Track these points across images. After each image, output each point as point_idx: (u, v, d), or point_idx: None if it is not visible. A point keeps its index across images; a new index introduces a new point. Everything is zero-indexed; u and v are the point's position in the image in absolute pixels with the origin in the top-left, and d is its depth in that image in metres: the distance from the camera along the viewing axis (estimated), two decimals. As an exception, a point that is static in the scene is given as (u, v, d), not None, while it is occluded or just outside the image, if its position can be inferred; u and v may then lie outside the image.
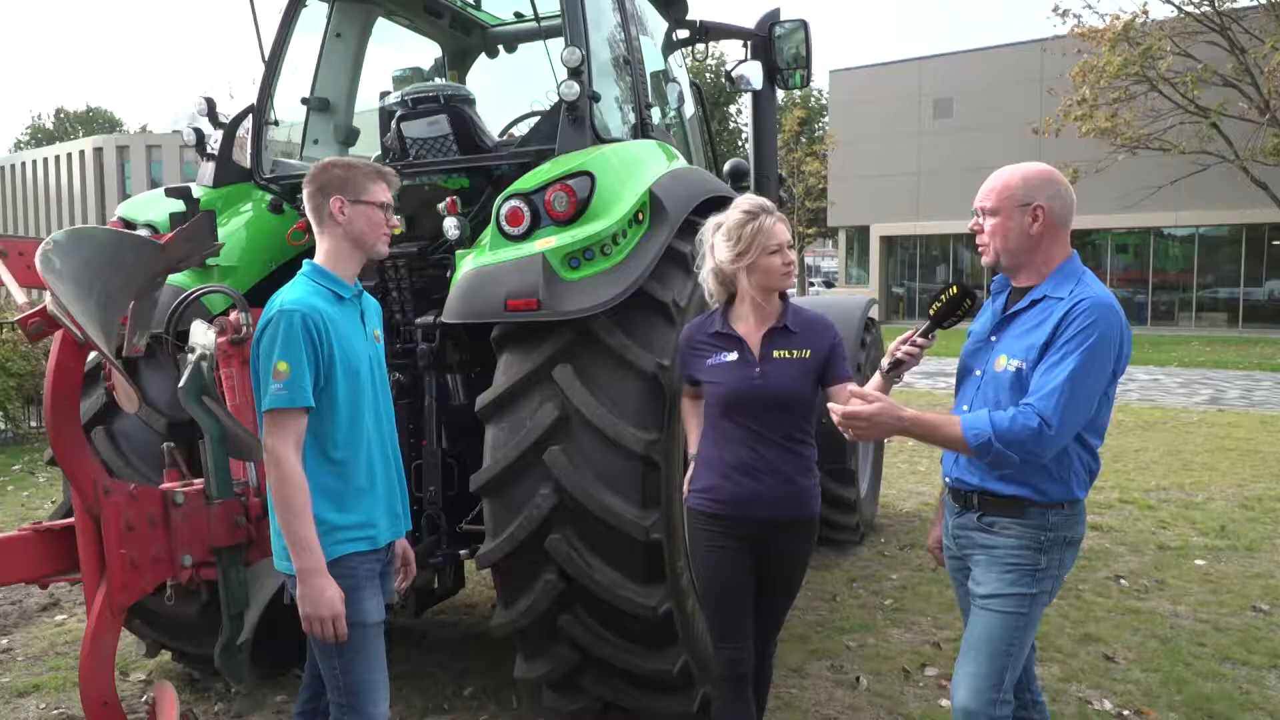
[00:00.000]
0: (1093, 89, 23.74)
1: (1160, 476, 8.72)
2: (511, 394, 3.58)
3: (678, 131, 5.57)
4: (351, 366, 2.73)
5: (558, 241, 3.56)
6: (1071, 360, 2.53)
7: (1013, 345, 2.69)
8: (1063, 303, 2.62)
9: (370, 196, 2.78)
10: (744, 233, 3.07)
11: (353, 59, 5.27)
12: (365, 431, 2.77)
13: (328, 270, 2.78)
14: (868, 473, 6.84)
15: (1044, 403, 2.52)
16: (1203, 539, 6.68)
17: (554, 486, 3.47)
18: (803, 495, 3.11)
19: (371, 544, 2.77)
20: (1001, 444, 2.54)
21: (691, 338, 3.24)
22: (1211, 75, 22.77)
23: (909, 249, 37.39)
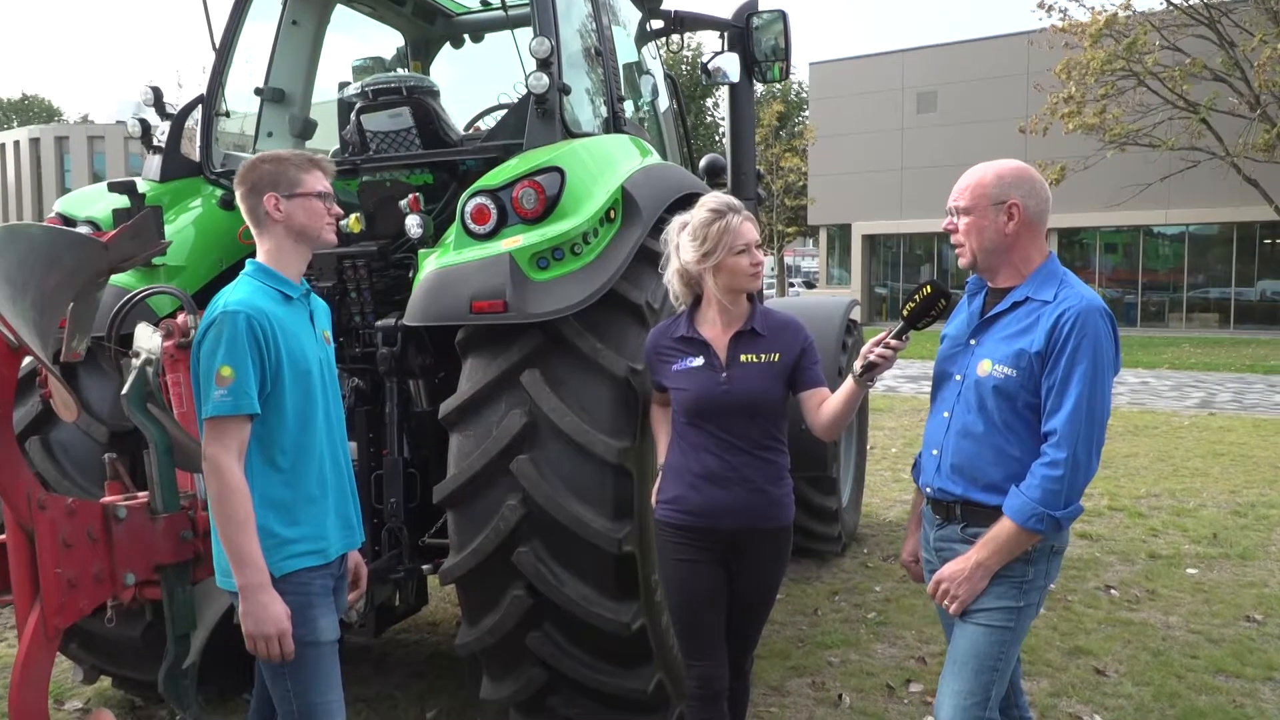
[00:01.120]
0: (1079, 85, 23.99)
1: (1151, 483, 8.80)
2: (477, 400, 3.56)
3: (651, 126, 5.56)
4: (301, 369, 2.70)
5: (525, 241, 3.54)
6: (1076, 377, 2.54)
7: (997, 349, 2.69)
8: (1049, 308, 2.63)
9: (305, 188, 2.75)
10: (710, 232, 3.06)
11: (310, 47, 5.23)
12: (316, 437, 2.74)
13: (272, 269, 2.75)
14: (850, 480, 6.85)
15: (1063, 429, 2.54)
16: (1195, 547, 6.74)
17: (522, 497, 3.45)
18: (774, 504, 3.10)
19: (323, 558, 2.74)
20: (1057, 507, 2.56)
21: (657, 343, 3.24)
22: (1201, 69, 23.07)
23: (892, 248, 37.64)
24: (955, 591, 2.70)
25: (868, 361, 2.83)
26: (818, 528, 6.24)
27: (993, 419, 2.68)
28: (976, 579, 2.68)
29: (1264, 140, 22.98)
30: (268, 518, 2.62)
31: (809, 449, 4.90)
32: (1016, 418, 2.65)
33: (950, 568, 2.72)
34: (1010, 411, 2.65)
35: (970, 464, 2.71)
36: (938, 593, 2.75)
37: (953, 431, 2.78)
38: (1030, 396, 2.63)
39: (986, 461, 2.68)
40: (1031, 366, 2.62)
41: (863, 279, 37.19)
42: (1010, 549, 2.65)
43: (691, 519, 3.09)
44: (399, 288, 4.19)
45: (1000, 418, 2.66)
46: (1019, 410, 2.64)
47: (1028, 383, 2.62)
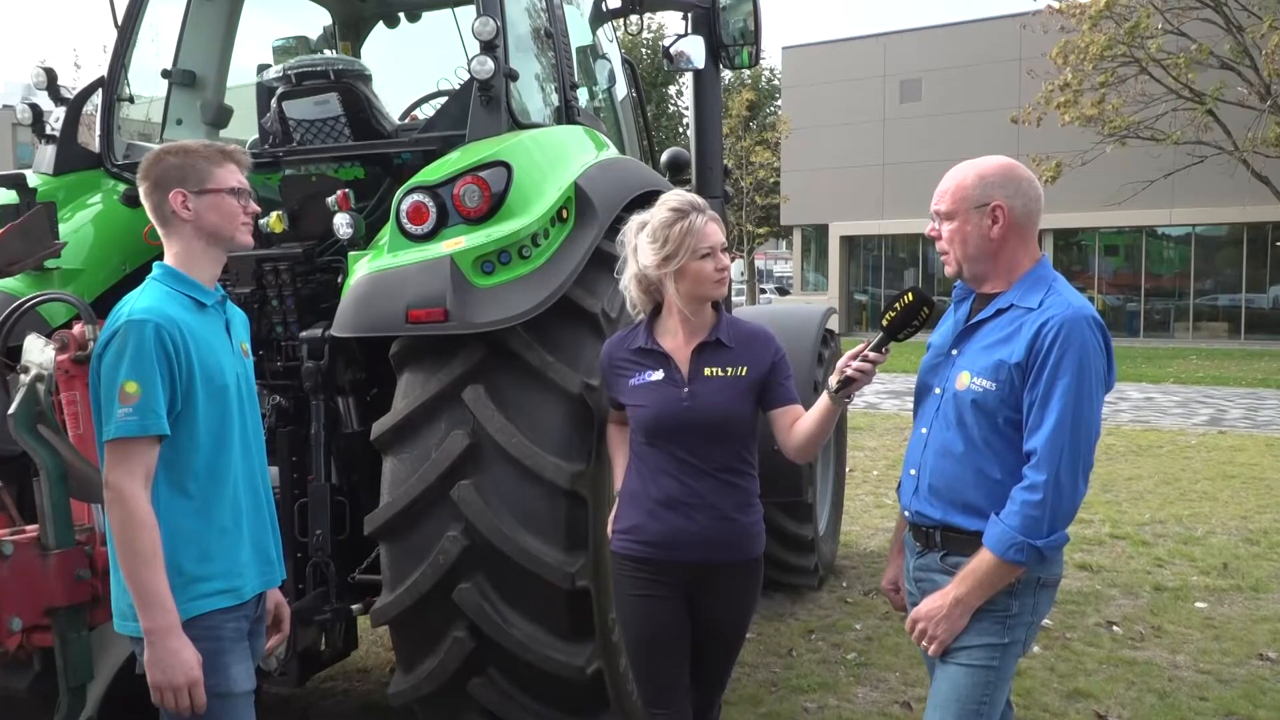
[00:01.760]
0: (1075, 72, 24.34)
1: (1155, 508, 8.93)
2: (413, 420, 3.55)
3: (608, 116, 5.58)
4: (216, 385, 2.68)
5: (468, 242, 3.55)
6: (1060, 392, 2.57)
7: (976, 360, 2.74)
8: (1033, 316, 2.67)
9: (216, 183, 2.73)
10: (671, 233, 3.08)
11: (225, 25, 5.20)
12: (231, 461, 2.72)
13: (182, 273, 2.73)
14: (827, 507, 6.90)
15: (1044, 450, 2.57)
16: (1203, 579, 6.85)
17: (464, 527, 3.45)
18: (742, 533, 3.12)
19: (237, 598, 2.71)
20: (1039, 536, 2.58)
21: (613, 355, 3.25)
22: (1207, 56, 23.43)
23: (873, 251, 37.93)
24: (933, 631, 2.73)
25: (845, 376, 2.85)
26: (791, 559, 6.27)
27: (972, 436, 2.71)
28: (955, 617, 2.70)
29: (1275, 134, 23.35)
30: (176, 552, 2.58)
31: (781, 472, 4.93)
32: (997, 435, 2.69)
33: (927, 605, 2.74)
34: (990, 429, 2.69)
35: (949, 485, 2.75)
36: (914, 632, 2.77)
37: (931, 450, 2.82)
38: (1011, 412, 2.66)
39: (966, 483, 2.72)
40: (1012, 379, 2.65)
41: (840, 285, 37.44)
42: (991, 583, 2.67)
43: (651, 550, 3.10)
44: (326, 295, 4.17)
45: (980, 435, 2.70)
46: (999, 427, 2.68)
47: (1008, 397, 2.66)
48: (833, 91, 36.23)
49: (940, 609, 2.71)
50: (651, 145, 6.21)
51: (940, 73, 34.22)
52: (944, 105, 33.75)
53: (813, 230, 39.50)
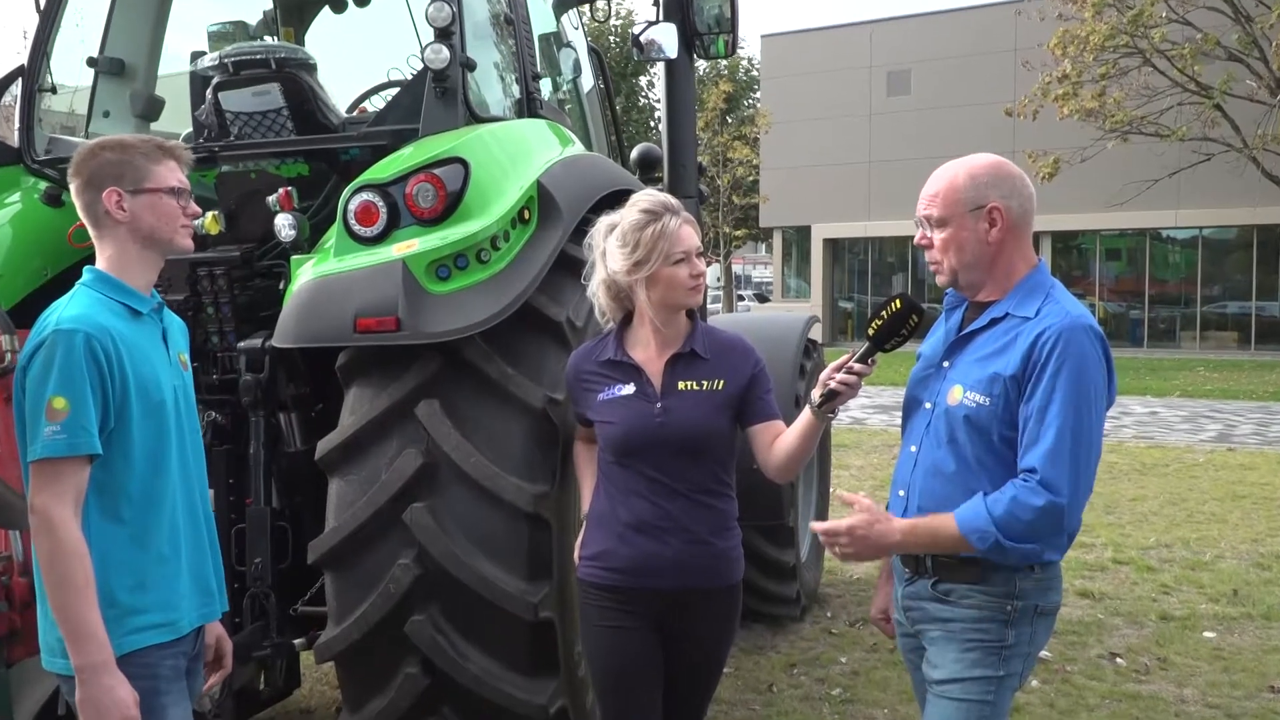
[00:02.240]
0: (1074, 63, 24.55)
1: (1161, 531, 9.01)
2: (362, 437, 3.55)
3: (573, 109, 5.60)
4: (152, 400, 2.67)
5: (422, 245, 3.55)
6: (1058, 405, 2.59)
7: (969, 373, 2.76)
8: (1030, 325, 2.69)
9: (155, 182, 2.72)
10: (643, 237, 3.09)
11: (156, 9, 5.19)
12: (169, 483, 2.71)
13: (115, 279, 2.72)
14: (809, 531, 6.91)
15: (1044, 467, 2.58)
16: (1212, 606, 6.92)
17: (416, 554, 3.44)
18: (719, 559, 3.13)
19: (174, 632, 2.70)
20: (1011, 538, 2.60)
21: (579, 368, 3.26)
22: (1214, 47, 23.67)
23: (858, 254, 38.12)
24: (852, 548, 2.73)
25: (829, 389, 2.87)
26: (772, 587, 6.28)
27: (964, 455, 2.74)
28: (879, 549, 2.74)
29: (1287, 130, 23.67)
30: (109, 583, 2.57)
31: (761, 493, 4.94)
32: (991, 454, 2.71)
33: (867, 524, 2.71)
34: (984, 446, 2.71)
35: (940, 507, 2.75)
36: (834, 538, 2.75)
37: (920, 469, 2.84)
38: (1006, 429, 2.69)
39: (955, 504, 2.72)
40: (1007, 393, 2.67)
41: (824, 291, 37.58)
42: (936, 547, 2.73)
43: (621, 577, 3.10)
44: (266, 302, 4.17)
45: (973, 454, 2.72)
46: (994, 445, 2.70)
47: (1002, 413, 2.68)
48: (815, 83, 36.39)
49: (876, 543, 2.72)
50: (620, 141, 6.22)
51: (930, 63, 34.45)
52: (934, 98, 33.97)
53: (794, 233, 39.64)
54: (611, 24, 34.06)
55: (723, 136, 35.88)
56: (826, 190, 36.34)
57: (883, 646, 6.09)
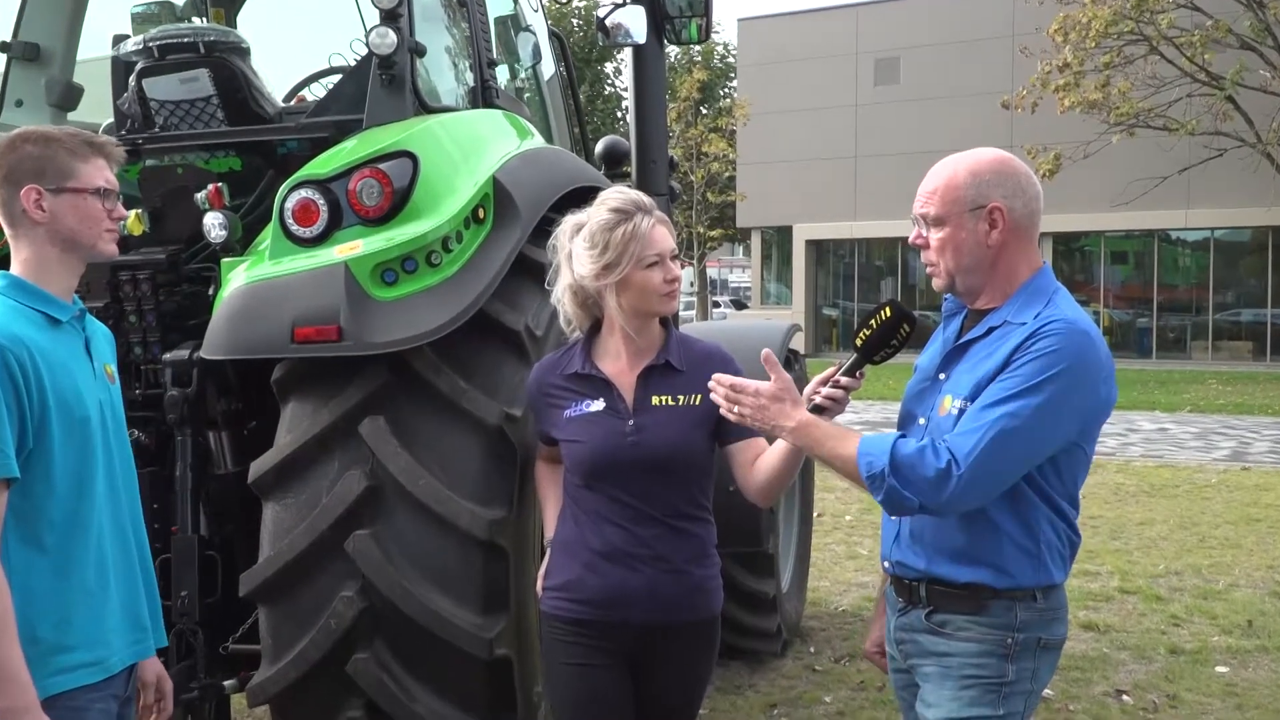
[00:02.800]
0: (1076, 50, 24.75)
1: (1171, 557, 9.07)
2: (300, 458, 3.54)
3: (532, 98, 5.60)
4: (75, 416, 2.66)
5: (366, 247, 3.55)
6: (1014, 397, 2.60)
7: (959, 383, 2.77)
8: (1023, 329, 2.70)
9: (80, 181, 2.71)
10: (613, 238, 3.09)
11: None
12: (95, 508, 2.70)
13: (32, 284, 2.70)
14: (791, 559, 6.93)
15: (960, 441, 2.61)
16: (1225, 639, 6.96)
17: (360, 586, 3.43)
18: (696, 590, 3.14)
19: (104, 671, 2.70)
20: (897, 479, 2.63)
21: (543, 381, 3.26)
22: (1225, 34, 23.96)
23: (844, 257, 38.24)
24: (746, 409, 2.81)
25: (814, 405, 2.87)
26: (751, 620, 6.28)
27: None
28: (773, 425, 2.80)
29: (1303, 124, 23.93)
30: (30, 618, 2.56)
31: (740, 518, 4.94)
32: None
33: (770, 393, 2.79)
34: None
35: (933, 530, 2.78)
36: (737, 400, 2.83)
37: None
38: None
39: (954, 526, 2.75)
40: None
41: (807, 297, 37.69)
42: (823, 449, 2.77)
43: (589, 610, 3.10)
44: (195, 309, 4.15)
45: None
46: None
47: None
48: (797, 71, 36.52)
49: (774, 410, 2.78)
50: (584, 133, 6.23)
51: (921, 50, 34.62)
52: (925, 88, 34.13)
53: (774, 233, 39.75)
54: (575, 6, 34.15)
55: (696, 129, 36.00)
56: (809, 187, 36.40)
57: (870, 684, 6.10)
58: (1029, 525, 2.73)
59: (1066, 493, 2.77)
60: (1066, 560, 2.81)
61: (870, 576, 8.41)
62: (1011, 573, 2.73)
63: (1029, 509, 2.72)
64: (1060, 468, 2.73)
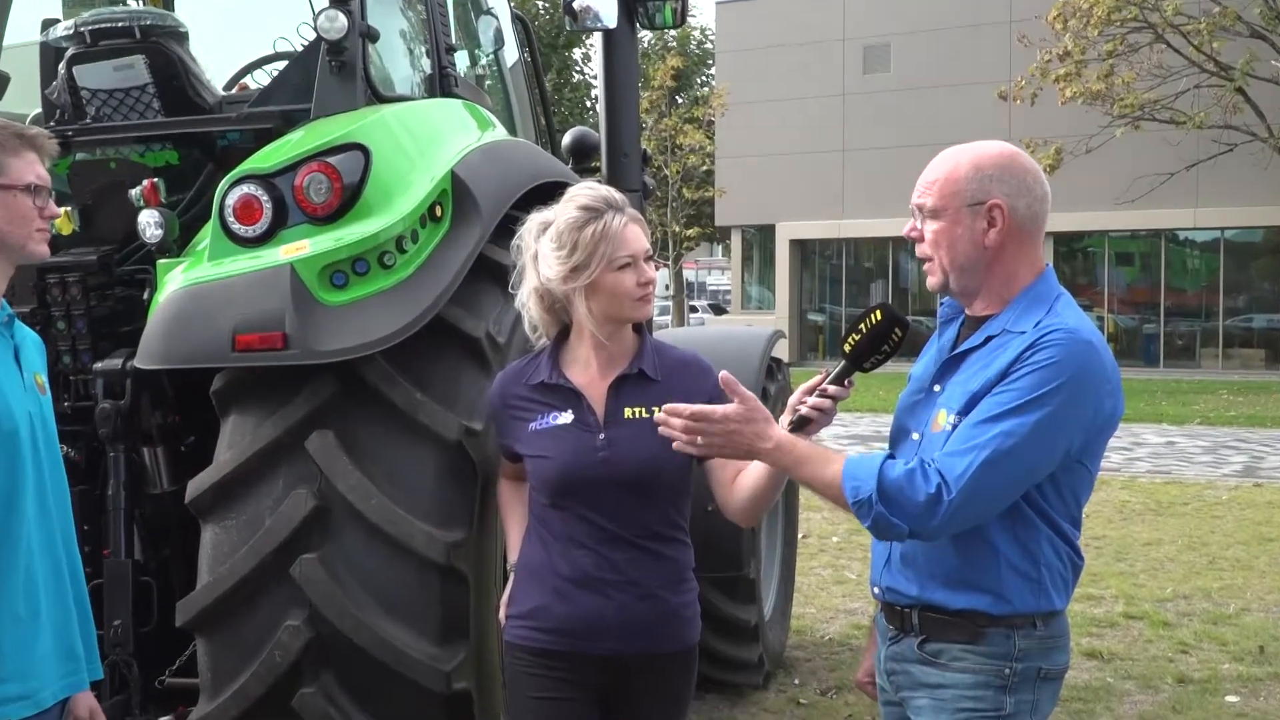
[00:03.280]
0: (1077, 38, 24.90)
1: (1179, 580, 9.11)
2: (242, 476, 3.52)
3: (495, 87, 5.60)
4: (2, 430, 2.67)
5: (314, 247, 3.54)
6: (1010, 414, 2.60)
7: (954, 396, 2.77)
8: (1023, 338, 2.70)
9: (9, 177, 2.71)
10: (582, 238, 3.08)
11: (-4, -32, 5.13)
12: (24, 529, 2.70)
13: None
14: (774, 584, 6.93)
15: (951, 462, 2.60)
16: (1236, 666, 6.99)
17: (308, 615, 3.42)
18: (672, 618, 3.14)
19: (34, 706, 2.70)
20: (885, 505, 2.62)
21: (506, 392, 3.25)
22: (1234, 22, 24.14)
23: (830, 258, 38.37)
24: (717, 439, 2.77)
25: (798, 416, 2.88)
26: (730, 650, 6.27)
27: None
28: (750, 449, 2.77)
29: (1317, 118, 24.15)
30: None
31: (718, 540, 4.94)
32: None
33: (739, 415, 2.75)
34: None
35: (926, 553, 2.77)
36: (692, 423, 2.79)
37: None
38: None
39: (945, 549, 2.74)
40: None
41: (791, 301, 37.77)
42: (803, 472, 2.76)
43: (557, 640, 3.10)
44: (128, 314, 4.14)
45: None
46: None
47: None
48: (779, 58, 36.62)
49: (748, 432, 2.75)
50: (550, 124, 6.24)
51: (913, 36, 34.78)
52: (917, 77, 34.28)
53: (755, 232, 39.85)
54: (541, -12, 34.18)
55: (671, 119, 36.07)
56: (793, 183, 36.49)
57: (859, 718, 6.10)
58: (1028, 547, 2.73)
59: (1068, 512, 2.77)
60: (1069, 584, 2.81)
61: (859, 603, 8.42)
62: (1010, 598, 2.73)
63: (1028, 530, 2.72)
64: (1061, 486, 2.73)
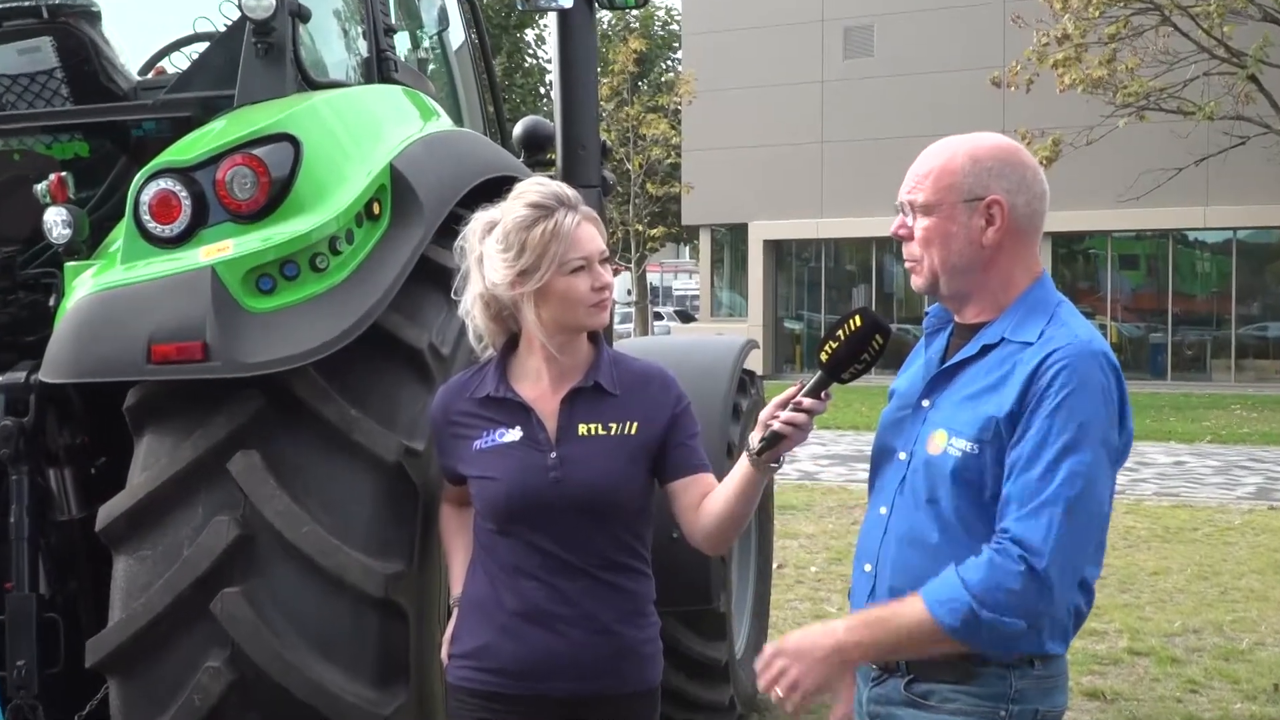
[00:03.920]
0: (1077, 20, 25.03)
1: (1188, 613, 9.16)
2: (158, 501, 3.50)
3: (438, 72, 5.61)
4: None
5: (238, 248, 3.52)
6: (1055, 450, 2.61)
7: (956, 415, 2.78)
8: (1030, 352, 2.71)
9: None
10: (531, 238, 3.09)
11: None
12: None
13: None
14: (746, 618, 6.94)
15: (1025, 528, 2.59)
16: (1249, 706, 7.04)
17: (230, 655, 3.39)
18: (631, 656, 3.15)
19: None
20: (990, 609, 2.59)
21: (449, 407, 3.26)
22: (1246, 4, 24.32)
23: (808, 260, 38.46)
24: (793, 675, 2.71)
25: (771, 432, 2.89)
26: (698, 692, 6.27)
27: (950, 519, 2.75)
28: (828, 667, 2.72)
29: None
30: None
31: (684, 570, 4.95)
32: (983, 518, 2.72)
33: (801, 639, 2.74)
34: (974, 508, 2.73)
35: (917, 586, 2.75)
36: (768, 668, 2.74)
37: (893, 537, 2.85)
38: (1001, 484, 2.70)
39: None
40: (1000, 439, 2.70)
41: (765, 308, 37.81)
42: (897, 644, 2.71)
43: (505, 682, 3.11)
44: (33, 322, 4.14)
45: (960, 517, 2.74)
46: (985, 505, 2.72)
47: (994, 464, 2.70)
48: (752, 41, 36.67)
49: (814, 649, 2.71)
50: (500, 113, 6.23)
51: (898, 17, 34.88)
52: (903, 62, 34.38)
53: (726, 232, 39.90)
54: (491, -37, 34.17)
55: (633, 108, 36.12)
56: (767, 178, 36.52)
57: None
58: None
59: None
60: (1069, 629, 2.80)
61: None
62: None
63: None
64: None
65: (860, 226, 34.50)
